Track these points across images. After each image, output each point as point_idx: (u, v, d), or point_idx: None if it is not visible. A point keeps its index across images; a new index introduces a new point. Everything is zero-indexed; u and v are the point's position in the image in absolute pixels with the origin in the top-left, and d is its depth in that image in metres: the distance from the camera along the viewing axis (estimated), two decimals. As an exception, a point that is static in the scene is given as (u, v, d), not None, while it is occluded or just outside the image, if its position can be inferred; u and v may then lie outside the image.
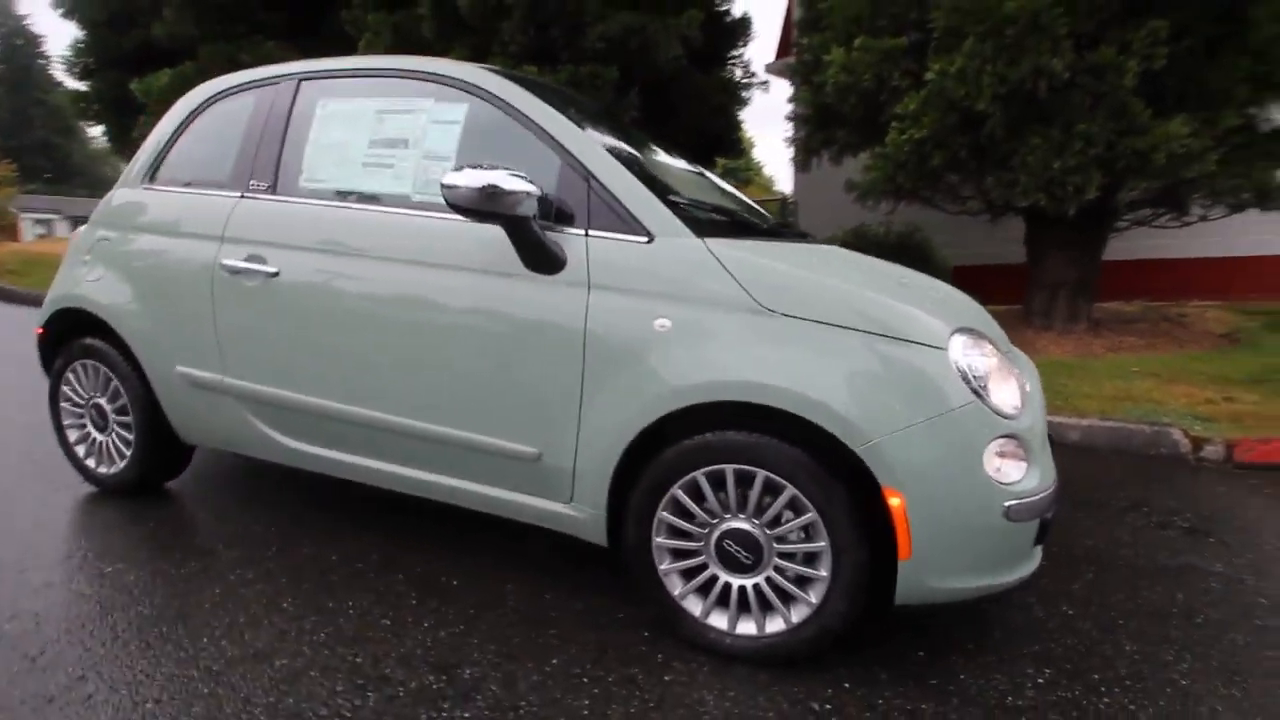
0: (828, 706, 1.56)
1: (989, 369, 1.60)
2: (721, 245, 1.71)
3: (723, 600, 1.73)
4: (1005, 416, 1.58)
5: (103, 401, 2.59)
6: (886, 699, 1.59)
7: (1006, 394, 1.61)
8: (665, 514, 1.73)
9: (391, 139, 2.07)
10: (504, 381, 1.85)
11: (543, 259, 1.76)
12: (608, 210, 1.77)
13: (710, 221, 1.89)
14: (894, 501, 1.51)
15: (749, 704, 1.56)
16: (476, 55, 5.85)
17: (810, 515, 1.59)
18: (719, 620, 1.72)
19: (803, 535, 1.64)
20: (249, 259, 2.17)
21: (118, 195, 2.58)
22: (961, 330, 1.63)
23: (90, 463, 2.67)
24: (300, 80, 2.26)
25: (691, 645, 1.75)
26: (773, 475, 1.60)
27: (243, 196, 2.25)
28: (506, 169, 1.68)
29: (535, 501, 1.92)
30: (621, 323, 1.71)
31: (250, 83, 2.38)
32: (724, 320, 1.64)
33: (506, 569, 2.17)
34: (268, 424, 2.26)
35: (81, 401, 2.65)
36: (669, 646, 1.77)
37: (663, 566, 1.76)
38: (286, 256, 2.12)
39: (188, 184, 2.43)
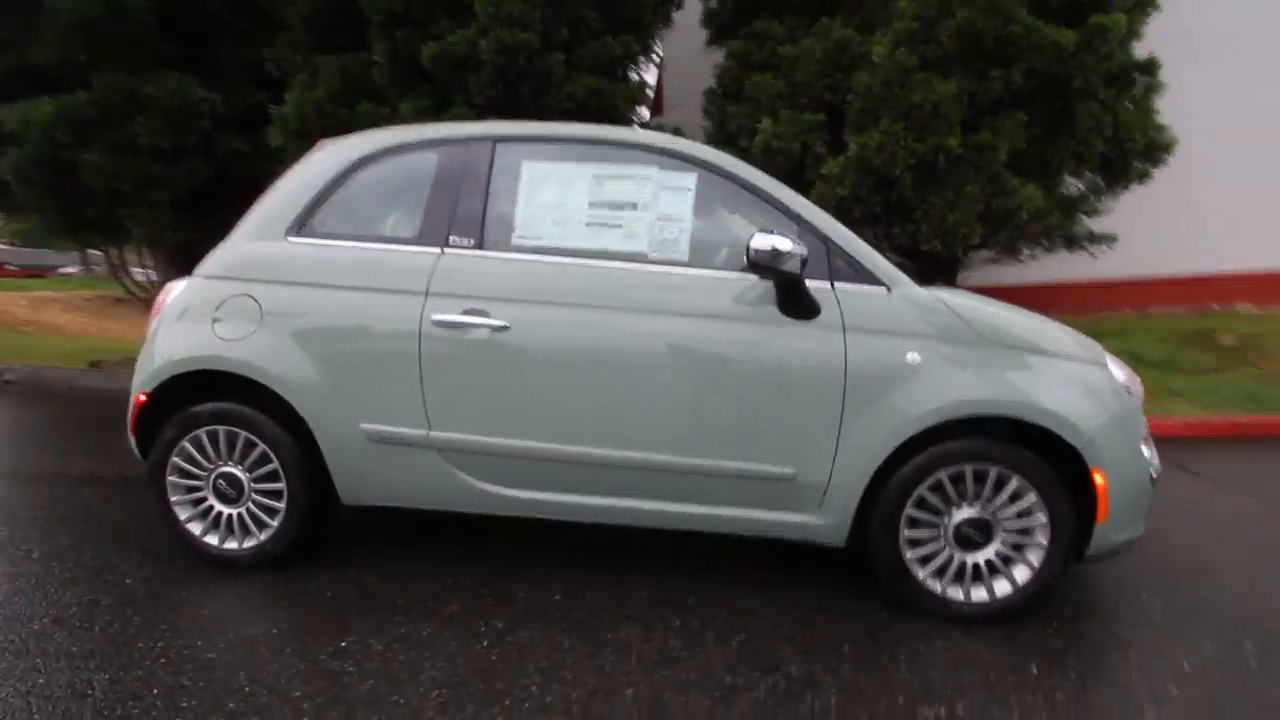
0: (1024, 643, 1.99)
1: (1127, 377, 2.16)
2: (941, 292, 2.10)
3: (947, 571, 2.08)
4: (1141, 412, 2.14)
5: (236, 471, 2.29)
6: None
7: (1137, 395, 2.18)
8: (911, 511, 2.05)
9: (616, 201, 2.19)
10: (764, 412, 2.05)
11: (805, 307, 2.02)
12: (846, 266, 2.08)
13: (904, 269, 2.27)
14: (1099, 480, 1.98)
15: (975, 646, 1.93)
16: (436, 106, 5.72)
17: (1032, 497, 2.01)
18: (955, 592, 2.08)
19: (1018, 515, 2.05)
20: (468, 313, 2.14)
21: (255, 248, 2.33)
22: (1106, 352, 2.18)
23: (211, 540, 2.33)
24: (495, 142, 2.27)
25: (934, 616, 2.08)
26: (1004, 469, 2.00)
27: (443, 251, 2.20)
28: (782, 233, 1.94)
29: (776, 515, 2.13)
30: (878, 357, 2.01)
31: (430, 141, 2.32)
32: (959, 352, 2.01)
33: (718, 581, 2.32)
34: (474, 474, 2.20)
35: (202, 473, 2.32)
36: (903, 621, 2.07)
37: (908, 555, 2.07)
38: (517, 310, 2.12)
39: (355, 237, 2.29)
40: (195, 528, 2.33)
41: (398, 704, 1.65)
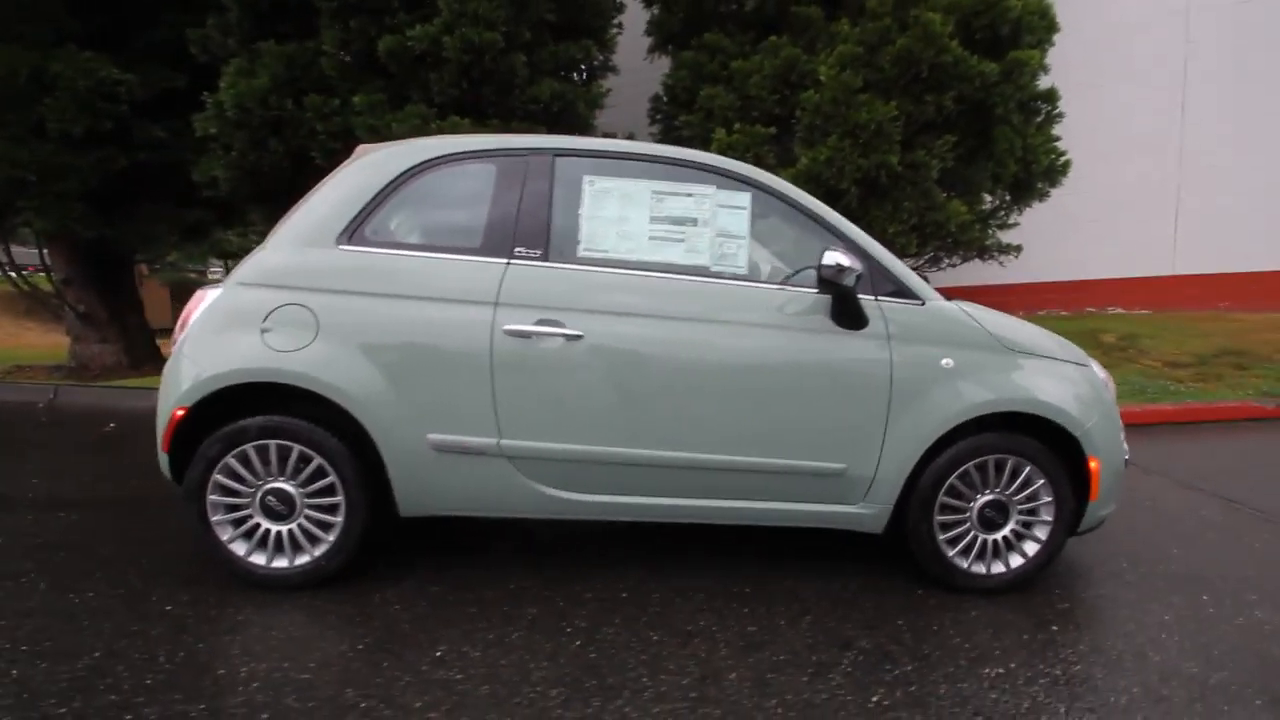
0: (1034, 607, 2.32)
1: (1106, 376, 2.53)
2: (961, 304, 2.38)
3: (972, 549, 2.37)
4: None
5: (287, 486, 2.21)
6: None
7: (1112, 391, 2.56)
8: (944, 498, 2.32)
9: (677, 217, 2.31)
10: (820, 414, 2.25)
11: (856, 318, 2.23)
12: (886, 280, 2.31)
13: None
14: (1093, 465, 2.32)
15: (1001, 613, 2.24)
16: (391, 101, 5.51)
17: (1040, 481, 2.33)
18: (978, 567, 2.37)
19: (1028, 498, 2.37)
20: (541, 323, 2.18)
21: (304, 256, 2.24)
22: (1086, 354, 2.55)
23: (256, 559, 2.23)
24: (554, 156, 2.33)
25: (961, 590, 2.36)
26: (1020, 459, 2.31)
27: (509, 262, 2.23)
28: (846, 251, 2.15)
29: (826, 507, 2.34)
30: (918, 363, 2.26)
31: (487, 151, 2.33)
32: (985, 358, 2.30)
33: (760, 570, 2.50)
34: (543, 481, 2.25)
35: (248, 490, 2.21)
36: (937, 595, 2.34)
37: (941, 537, 2.34)
38: (590, 321, 2.19)
39: (413, 246, 2.27)
40: (239, 548, 2.22)
41: (522, 705, 1.70)
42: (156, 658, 1.86)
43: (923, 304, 2.32)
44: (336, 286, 2.21)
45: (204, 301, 2.26)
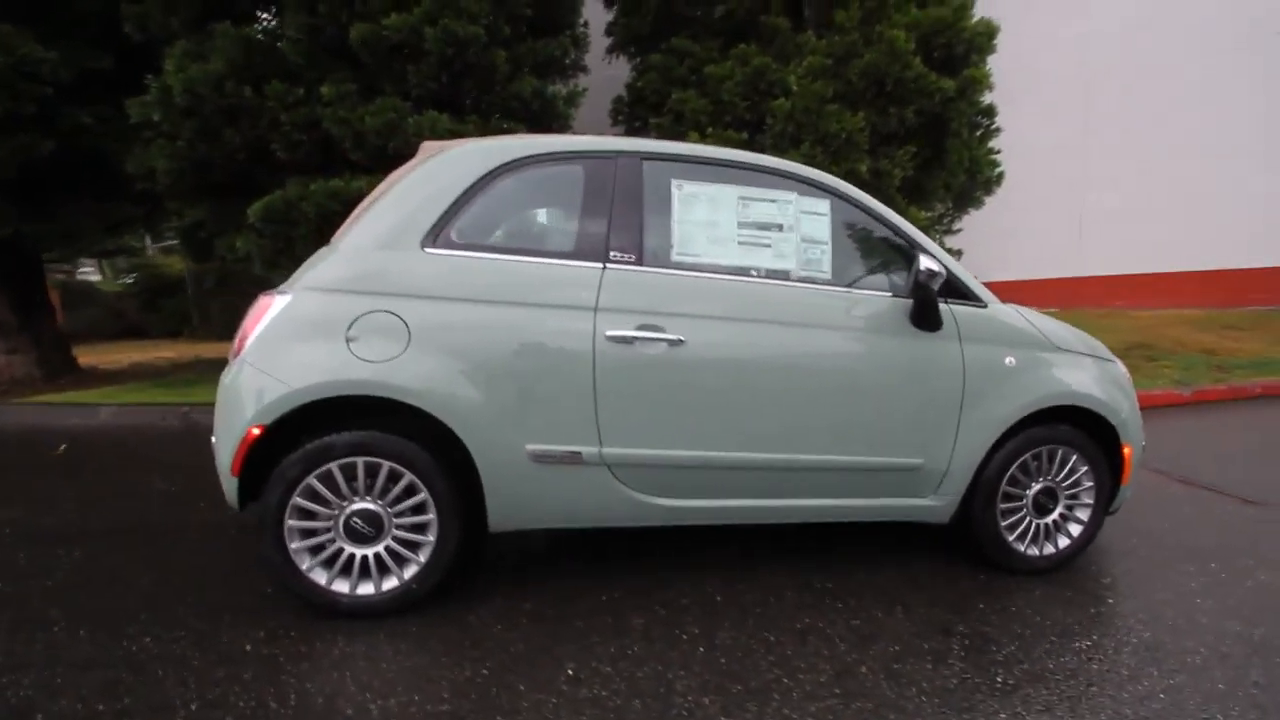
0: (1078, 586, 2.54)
1: (1126, 370, 2.79)
2: (1018, 308, 2.55)
3: (1028, 534, 2.54)
4: (1133, 397, 2.80)
5: (374, 506, 2.06)
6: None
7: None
8: (1006, 487, 2.48)
9: (763, 223, 2.33)
10: (901, 412, 2.35)
11: (934, 321, 2.34)
12: (951, 286, 2.44)
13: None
14: (1127, 451, 2.56)
15: (1060, 591, 2.43)
16: (362, 92, 5.19)
17: (1083, 468, 2.54)
18: (1033, 550, 2.55)
19: (1073, 484, 2.57)
20: (642, 328, 2.15)
21: (385, 260, 2.09)
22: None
23: (339, 588, 2.06)
24: (642, 159, 2.29)
25: (1016, 572, 2.53)
26: (1068, 448, 2.51)
27: (605, 267, 2.18)
28: (929, 257, 2.26)
29: (900, 501, 2.45)
30: (986, 362, 2.40)
31: (574, 153, 2.26)
32: (1040, 356, 2.48)
33: (830, 566, 2.57)
34: (638, 488, 2.22)
35: (331, 512, 2.04)
36: (999, 578, 2.49)
37: (1003, 524, 2.50)
38: (691, 325, 2.18)
39: (502, 250, 2.17)
40: (320, 577, 2.06)
41: (682, 715, 1.69)
42: (266, 704, 1.70)
43: (985, 306, 2.47)
44: (426, 292, 2.08)
45: (272, 309, 2.07)
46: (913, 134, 6.21)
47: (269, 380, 1.99)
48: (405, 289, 2.08)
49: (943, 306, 2.39)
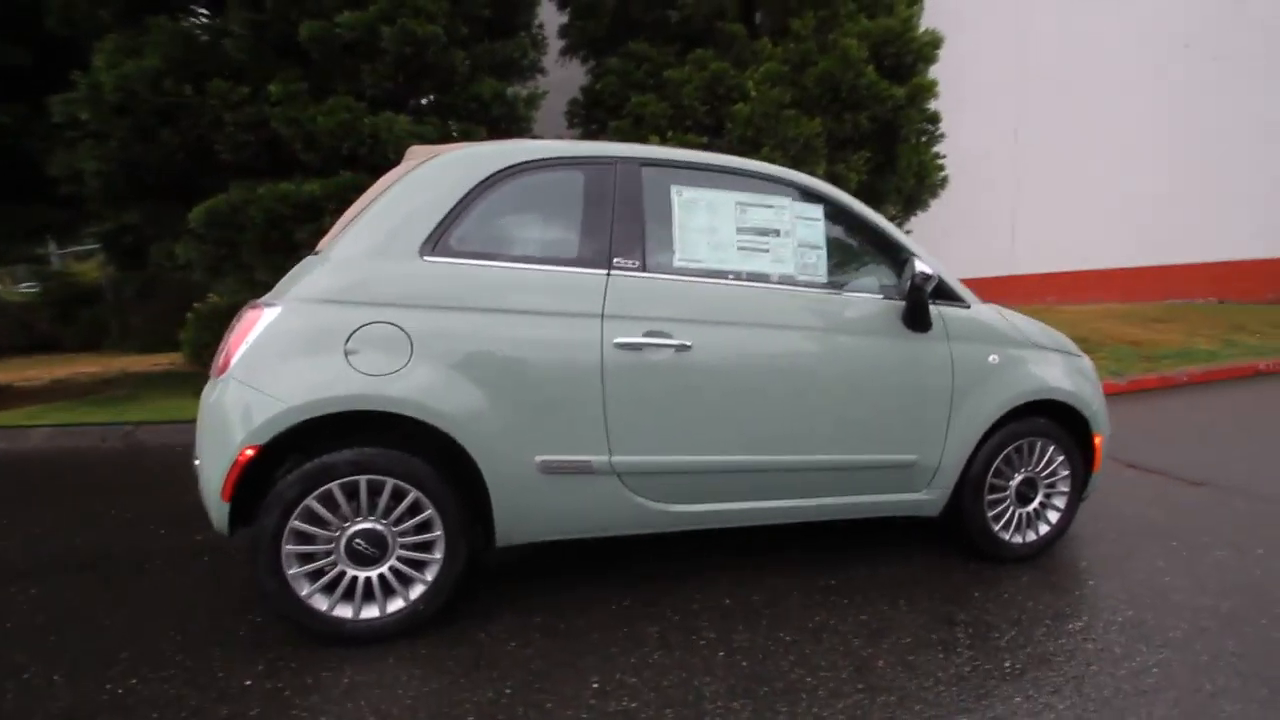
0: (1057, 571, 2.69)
1: (1092, 363, 2.96)
2: (997, 307, 2.67)
3: (1011, 522, 2.66)
4: (1098, 389, 2.97)
5: (377, 526, 1.97)
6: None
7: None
8: (991, 479, 2.59)
9: (761, 228, 2.36)
10: (897, 410, 2.42)
11: (925, 322, 2.42)
12: (938, 288, 2.52)
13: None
14: (1098, 440, 2.72)
15: (1044, 576, 2.56)
16: (313, 91, 4.98)
17: (1059, 458, 2.68)
18: (1017, 538, 2.66)
19: (1051, 473, 2.71)
20: (649, 334, 2.14)
21: (384, 269, 2.00)
22: (1078, 347, 2.96)
23: (342, 613, 1.97)
24: (640, 165, 2.28)
25: (1002, 560, 2.65)
26: (1046, 440, 2.64)
27: (610, 274, 2.16)
28: (925, 261, 2.34)
29: (894, 497, 2.52)
30: (973, 360, 2.50)
31: (573, 158, 2.23)
32: (1020, 353, 2.60)
33: (823, 565, 2.63)
34: (647, 495, 2.21)
35: (330, 534, 1.94)
36: (989, 567, 2.61)
37: (990, 514, 2.61)
38: (697, 331, 2.18)
39: (504, 257, 2.12)
40: (320, 603, 1.95)
41: (715, 722, 1.69)
42: (286, 741, 1.60)
43: (969, 307, 2.58)
44: (428, 301, 2.01)
45: (260, 321, 1.96)
46: (866, 139, 6.43)
47: (262, 397, 1.88)
48: (404, 299, 2.01)
49: (931, 308, 2.49)
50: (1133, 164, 10.14)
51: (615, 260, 2.19)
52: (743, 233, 2.35)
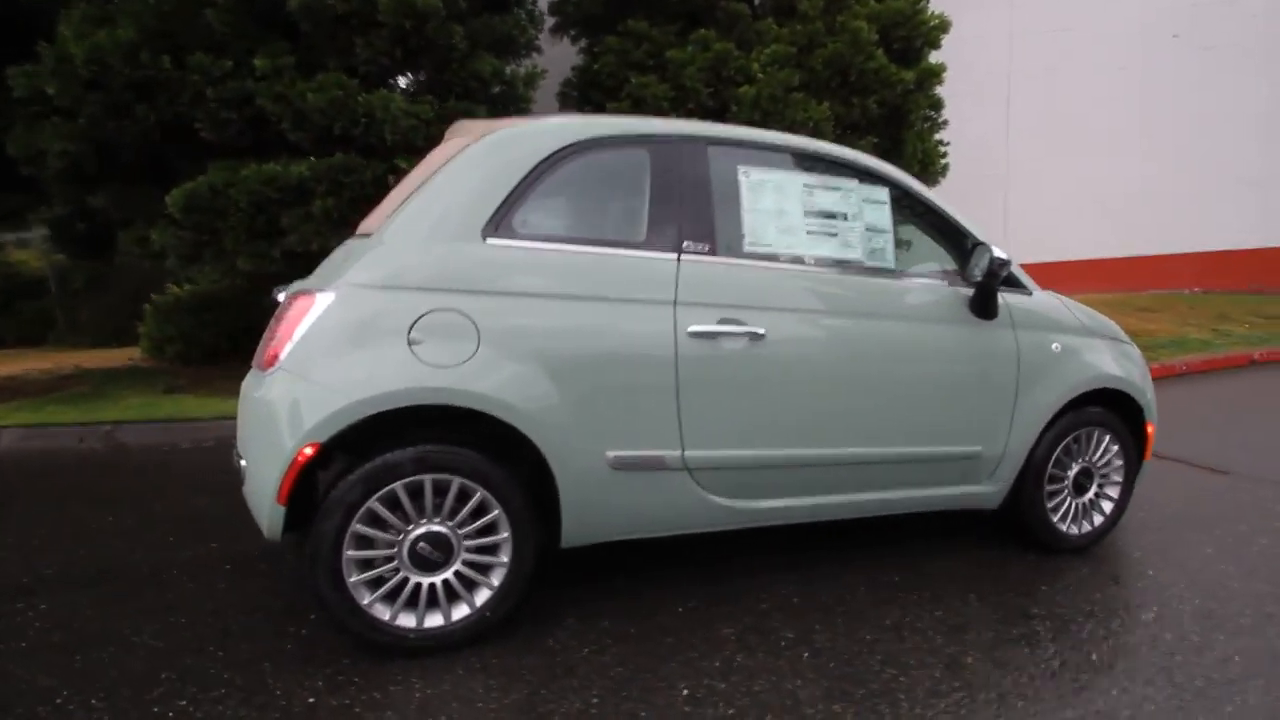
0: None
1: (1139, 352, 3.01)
2: (1056, 295, 2.68)
3: (1069, 513, 2.68)
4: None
5: (442, 528, 1.88)
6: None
7: (1141, 365, 3.05)
8: (1051, 469, 2.61)
9: (828, 211, 2.32)
10: (965, 400, 2.41)
11: (992, 310, 2.42)
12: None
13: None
14: (1150, 429, 2.77)
15: (1103, 566, 2.61)
16: (301, 66, 4.76)
17: (1116, 447, 2.71)
18: (1074, 528, 2.69)
19: (1106, 463, 2.74)
20: (723, 322, 2.08)
21: (445, 252, 1.90)
22: (1122, 333, 3.00)
23: (405, 622, 1.87)
24: (707, 144, 2.21)
25: (1057, 550, 2.67)
26: (1102, 429, 2.67)
27: (680, 258, 2.09)
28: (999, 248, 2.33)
29: (956, 489, 2.52)
30: (1037, 348, 2.51)
31: (639, 135, 2.15)
32: (1080, 341, 2.61)
33: (878, 563, 2.63)
34: (715, 491, 2.15)
35: (393, 538, 1.84)
36: (1048, 559, 2.62)
37: (1049, 505, 2.63)
38: (769, 318, 2.13)
39: (569, 240, 2.03)
40: (382, 612, 1.86)
41: (820, 727, 1.66)
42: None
43: (1031, 294, 2.58)
44: (493, 287, 1.92)
45: (314, 309, 1.84)
46: (874, 125, 6.46)
47: (321, 391, 1.77)
48: (467, 284, 1.91)
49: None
50: (1120, 155, 10.42)
51: (685, 244, 2.12)
52: (810, 216, 2.31)
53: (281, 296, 2.60)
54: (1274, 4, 10.36)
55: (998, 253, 2.28)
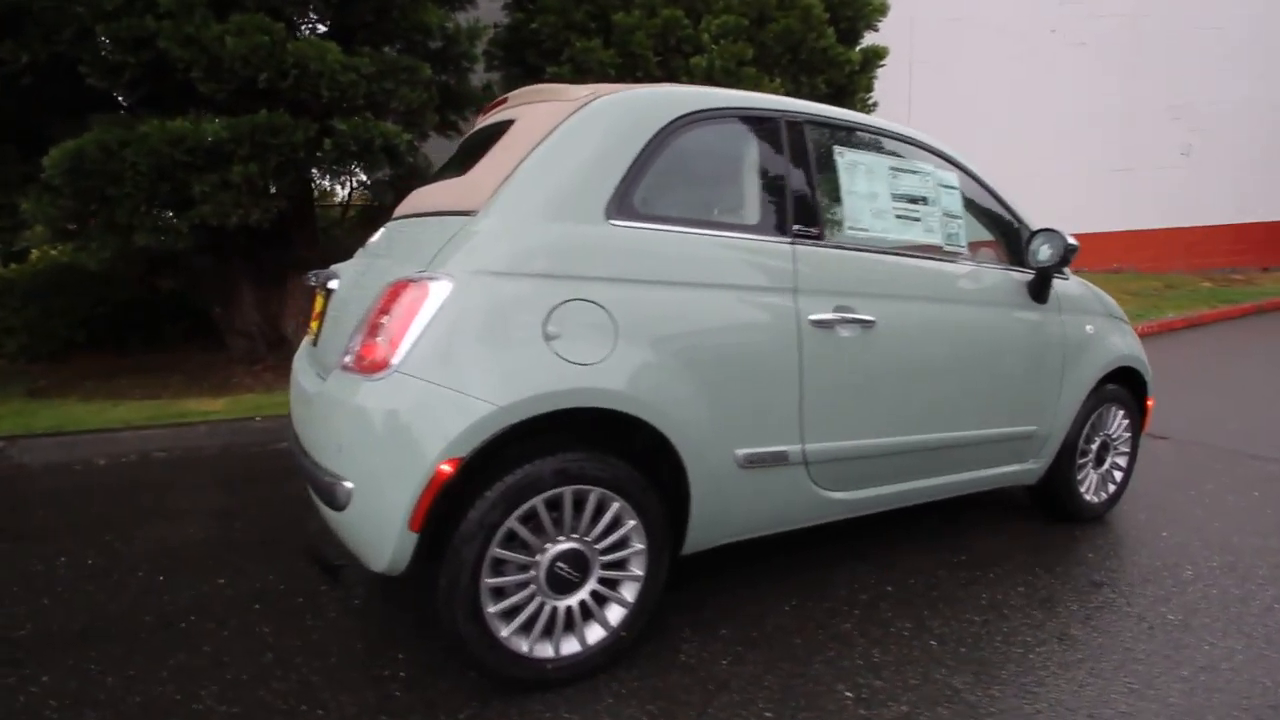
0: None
1: (1130, 332, 3.36)
2: (1080, 279, 2.92)
3: (1091, 485, 2.97)
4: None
5: (579, 545, 1.74)
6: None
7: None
8: (1084, 444, 2.87)
9: (912, 195, 2.37)
10: (1029, 381, 2.60)
11: (1046, 295, 2.60)
12: (1042, 258, 2.73)
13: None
14: (1150, 402, 3.12)
15: (1119, 533, 2.93)
16: (214, 5, 4.12)
17: (1127, 421, 3.04)
18: (1094, 498, 2.99)
19: (1118, 436, 3.06)
20: (838, 310, 2.07)
21: (569, 234, 1.74)
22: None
23: (544, 652, 1.73)
24: (804, 123, 2.18)
25: (1075, 520, 2.95)
26: (1117, 405, 2.97)
27: (794, 243, 2.05)
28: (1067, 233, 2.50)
29: (1007, 469, 2.71)
30: (1077, 329, 2.74)
31: (741, 109, 2.07)
32: (1104, 323, 2.89)
33: (919, 545, 2.80)
34: (822, 483, 2.17)
35: (530, 559, 1.68)
36: (1080, 530, 2.91)
37: (1079, 477, 2.89)
38: (878, 305, 2.16)
39: (688, 222, 1.93)
40: (520, 643, 1.71)
41: (993, 714, 1.73)
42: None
43: (1067, 278, 2.81)
44: (622, 274, 1.80)
45: (430, 300, 1.63)
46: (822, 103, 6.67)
47: (458, 397, 1.58)
48: (598, 270, 1.77)
49: (1042, 279, 2.68)
50: (1009, 146, 11.53)
51: (795, 228, 2.10)
52: (897, 200, 2.36)
53: (314, 283, 2.30)
54: (1136, 6, 11.79)
55: (1071, 240, 2.46)
